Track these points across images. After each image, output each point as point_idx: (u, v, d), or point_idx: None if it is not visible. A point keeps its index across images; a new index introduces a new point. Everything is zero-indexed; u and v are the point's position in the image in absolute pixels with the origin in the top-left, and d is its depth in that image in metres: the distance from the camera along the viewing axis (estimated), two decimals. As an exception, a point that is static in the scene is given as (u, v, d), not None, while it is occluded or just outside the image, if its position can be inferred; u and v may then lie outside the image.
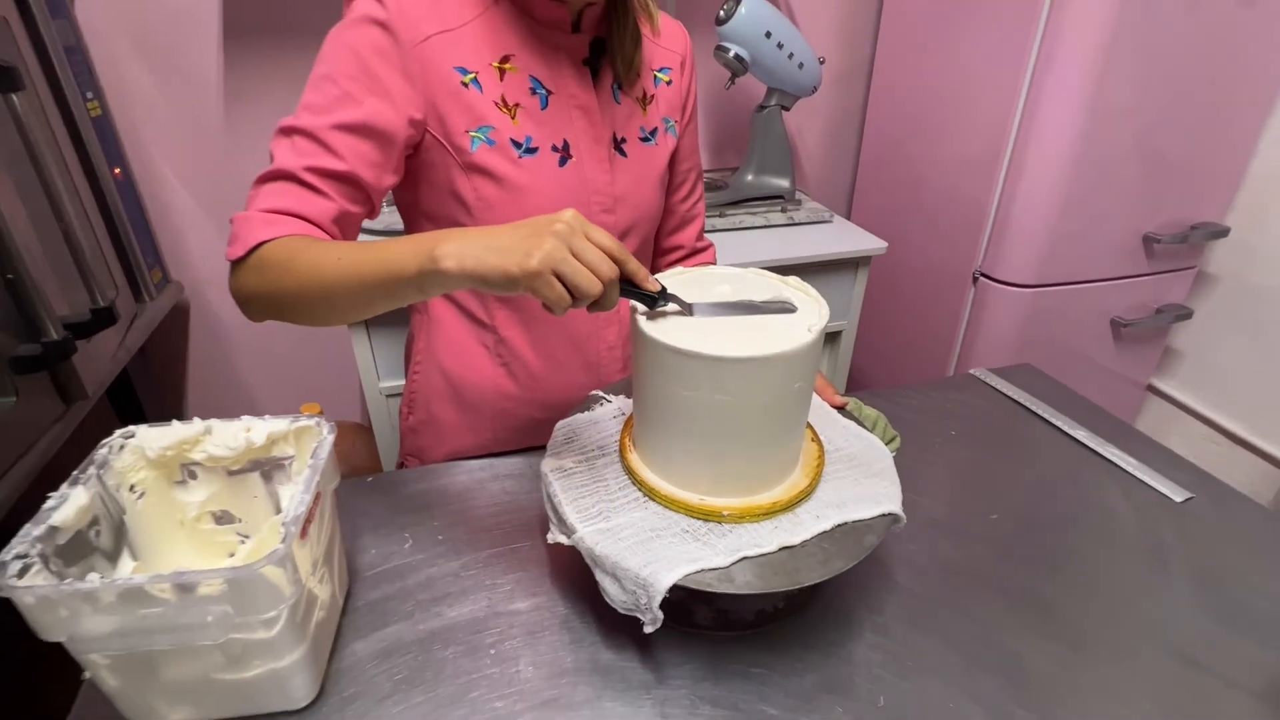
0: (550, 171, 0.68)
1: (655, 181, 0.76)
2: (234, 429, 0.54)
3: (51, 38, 1.17)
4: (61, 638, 0.41)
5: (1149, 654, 0.59)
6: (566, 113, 0.69)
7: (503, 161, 0.66)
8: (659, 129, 0.76)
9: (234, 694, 0.48)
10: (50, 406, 1.04)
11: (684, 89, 0.80)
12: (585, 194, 0.71)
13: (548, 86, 0.68)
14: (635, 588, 0.51)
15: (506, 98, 0.66)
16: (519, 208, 0.67)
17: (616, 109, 0.73)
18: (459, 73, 0.64)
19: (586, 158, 0.71)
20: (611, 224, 0.73)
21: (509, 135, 0.66)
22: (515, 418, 0.80)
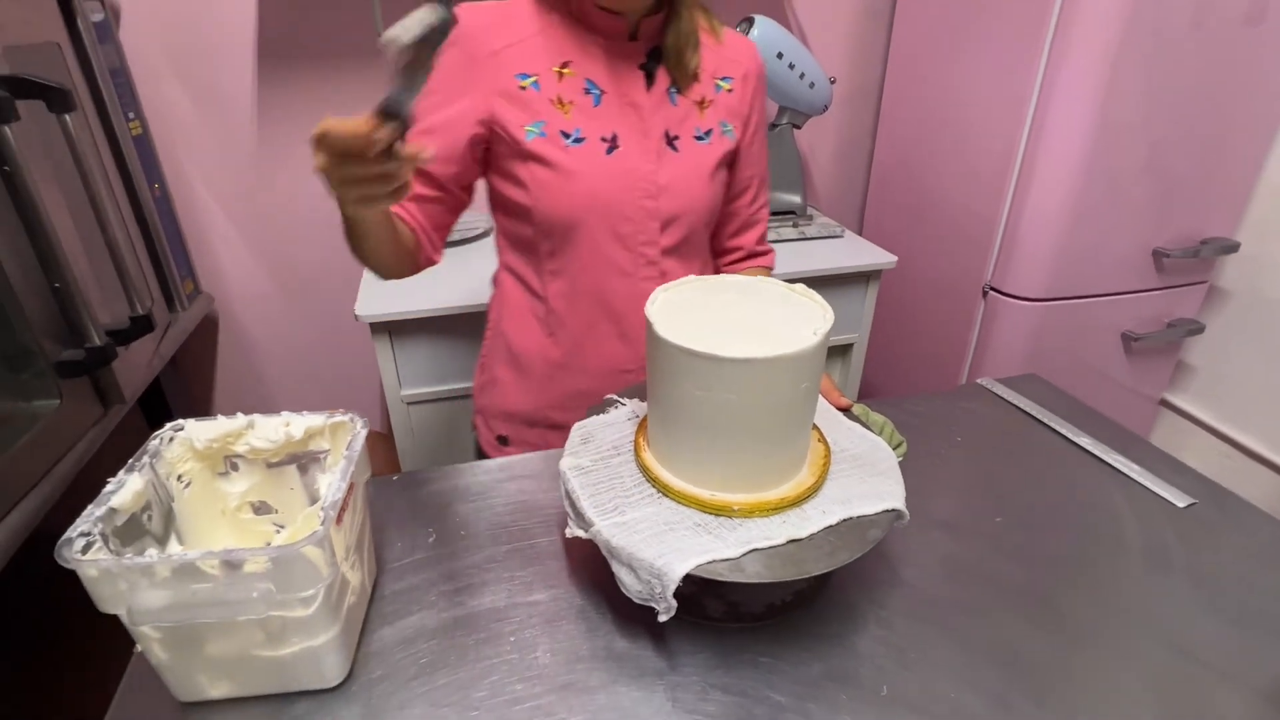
0: (597, 159, 0.77)
1: (705, 176, 0.82)
2: (274, 423, 0.58)
3: (98, 61, 1.24)
4: (119, 610, 0.45)
5: (1149, 649, 0.60)
6: (618, 109, 0.78)
7: (553, 149, 0.76)
8: (714, 130, 0.82)
9: (271, 671, 0.51)
10: (90, 410, 1.09)
11: (746, 99, 0.85)
12: (630, 180, 0.78)
13: (602, 87, 0.78)
14: (650, 577, 0.54)
15: (562, 96, 0.76)
16: (568, 188, 0.77)
17: (672, 109, 0.80)
18: (519, 78, 0.76)
19: (634, 149, 0.78)
20: (654, 209, 0.80)
21: (559, 128, 0.76)
22: (560, 385, 0.88)
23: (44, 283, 0.98)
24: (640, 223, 0.80)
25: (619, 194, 0.78)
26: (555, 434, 0.91)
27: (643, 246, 0.81)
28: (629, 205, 0.79)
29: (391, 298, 1.29)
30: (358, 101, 1.60)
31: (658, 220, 0.80)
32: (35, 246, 0.96)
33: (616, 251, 0.81)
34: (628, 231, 0.80)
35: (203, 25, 1.44)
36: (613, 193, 0.78)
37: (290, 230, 1.66)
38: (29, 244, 0.96)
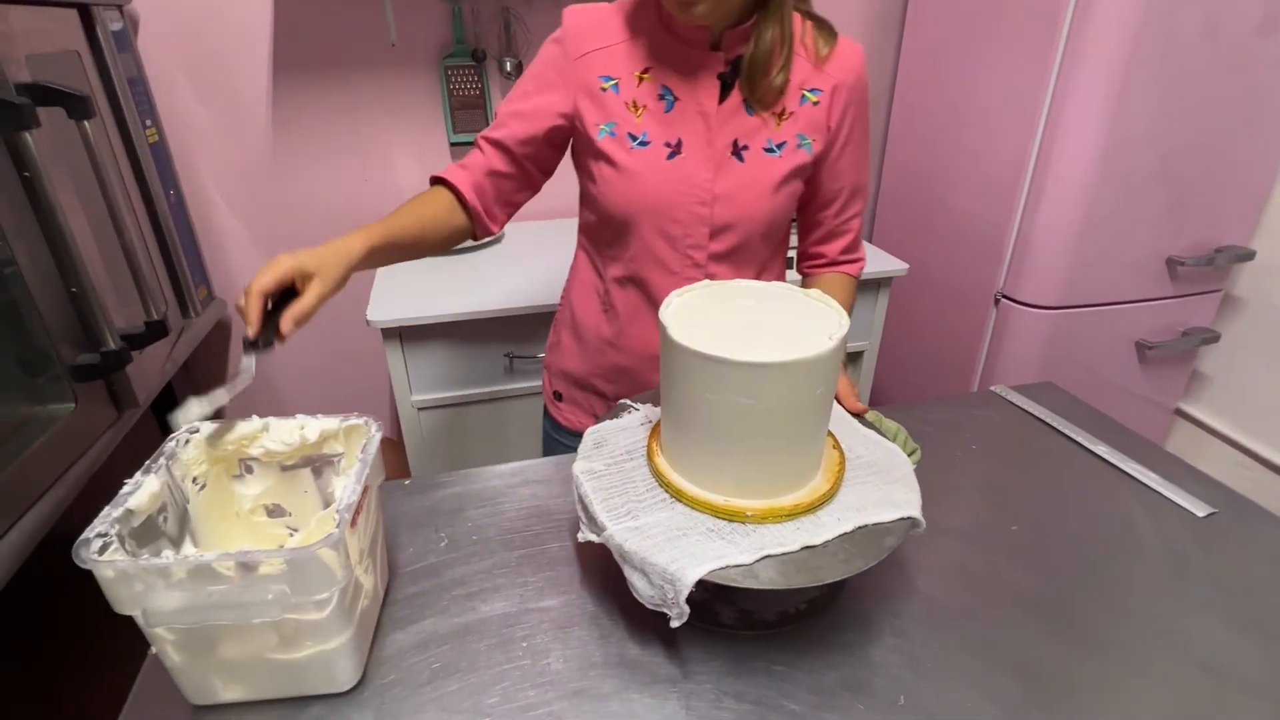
0: (657, 162, 0.80)
1: (768, 188, 0.82)
2: (289, 426, 0.58)
3: (117, 70, 1.25)
4: (135, 611, 0.45)
5: (1168, 660, 0.59)
6: (688, 117, 0.80)
7: (618, 149, 0.80)
8: (789, 143, 0.81)
9: (284, 674, 0.51)
10: (105, 414, 1.10)
11: (835, 113, 0.82)
12: (685, 186, 0.81)
13: (676, 94, 0.80)
14: (663, 582, 0.54)
15: (637, 100, 0.80)
16: (626, 186, 0.81)
17: (746, 119, 0.80)
18: (603, 80, 0.80)
19: (695, 156, 0.80)
20: (707, 215, 0.82)
21: (628, 130, 0.80)
22: (607, 358, 0.93)
23: (61, 287, 0.99)
24: (690, 226, 0.82)
25: (672, 197, 0.81)
26: (598, 400, 0.98)
27: (690, 249, 0.84)
28: (680, 209, 0.81)
29: (403, 304, 1.30)
30: (370, 109, 1.62)
31: (708, 226, 0.82)
32: (53, 252, 0.97)
33: (664, 250, 0.84)
34: (677, 234, 0.83)
35: (219, 35, 1.45)
36: (666, 196, 0.81)
37: (302, 237, 1.67)
38: (47, 249, 0.97)
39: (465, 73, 1.60)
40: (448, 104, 1.61)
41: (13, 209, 0.91)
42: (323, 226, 1.67)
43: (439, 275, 1.43)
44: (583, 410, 1.00)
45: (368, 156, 1.64)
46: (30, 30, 0.99)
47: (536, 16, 1.58)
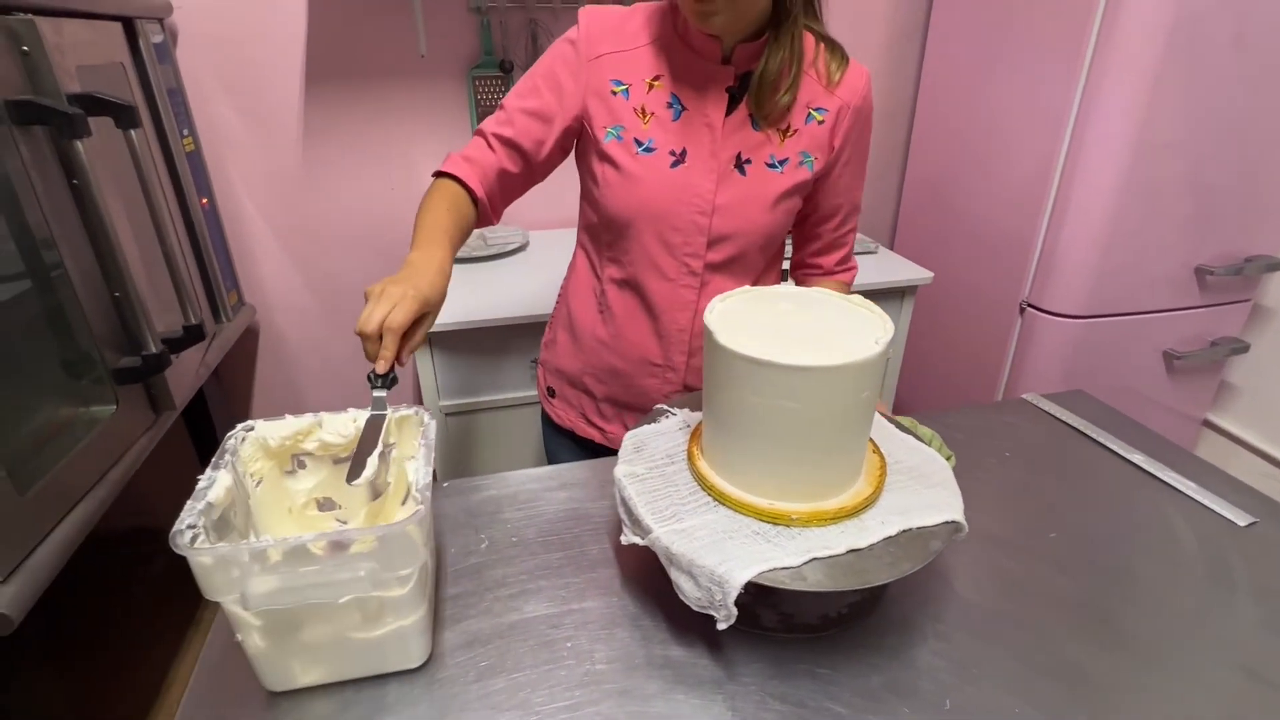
0: (661, 170, 0.81)
1: (767, 202, 0.83)
2: (343, 419, 0.60)
3: (157, 81, 1.28)
4: (231, 596, 0.47)
5: (1216, 668, 0.59)
6: (694, 127, 0.81)
7: (623, 154, 0.81)
8: (791, 160, 0.83)
9: (362, 653, 0.53)
10: (143, 416, 1.12)
11: (839, 133, 0.83)
12: (687, 195, 0.82)
13: (684, 104, 0.81)
14: (710, 584, 0.54)
15: (646, 107, 0.81)
16: (628, 190, 0.82)
17: (751, 133, 0.81)
18: (614, 84, 0.81)
19: (698, 166, 0.81)
20: (705, 225, 0.83)
21: (634, 135, 0.81)
22: (600, 359, 0.94)
23: (106, 292, 1.02)
24: (689, 235, 0.83)
25: (672, 205, 0.82)
26: (588, 399, 0.98)
27: (687, 257, 0.84)
28: (680, 218, 0.82)
29: (432, 310, 1.31)
30: (399, 118, 1.64)
31: (706, 235, 0.83)
32: (99, 257, 1.00)
33: (662, 256, 0.85)
34: (676, 241, 0.83)
35: (254, 47, 1.49)
36: (667, 203, 0.81)
37: (331, 244, 1.70)
38: (93, 255, 0.99)
39: (493, 83, 1.62)
40: (475, 114, 1.64)
41: (62, 216, 0.93)
42: (350, 233, 1.70)
43: (467, 282, 1.45)
44: (572, 408, 1.00)
45: (395, 165, 1.66)
46: (79, 43, 1.02)
47: (563, 28, 1.60)
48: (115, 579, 1.28)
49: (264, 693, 0.55)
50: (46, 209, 0.90)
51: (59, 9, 0.99)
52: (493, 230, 1.68)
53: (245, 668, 0.54)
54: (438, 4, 1.53)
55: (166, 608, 1.47)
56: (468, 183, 0.81)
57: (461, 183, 0.81)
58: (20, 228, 0.88)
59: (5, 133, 0.84)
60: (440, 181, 0.82)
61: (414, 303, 0.64)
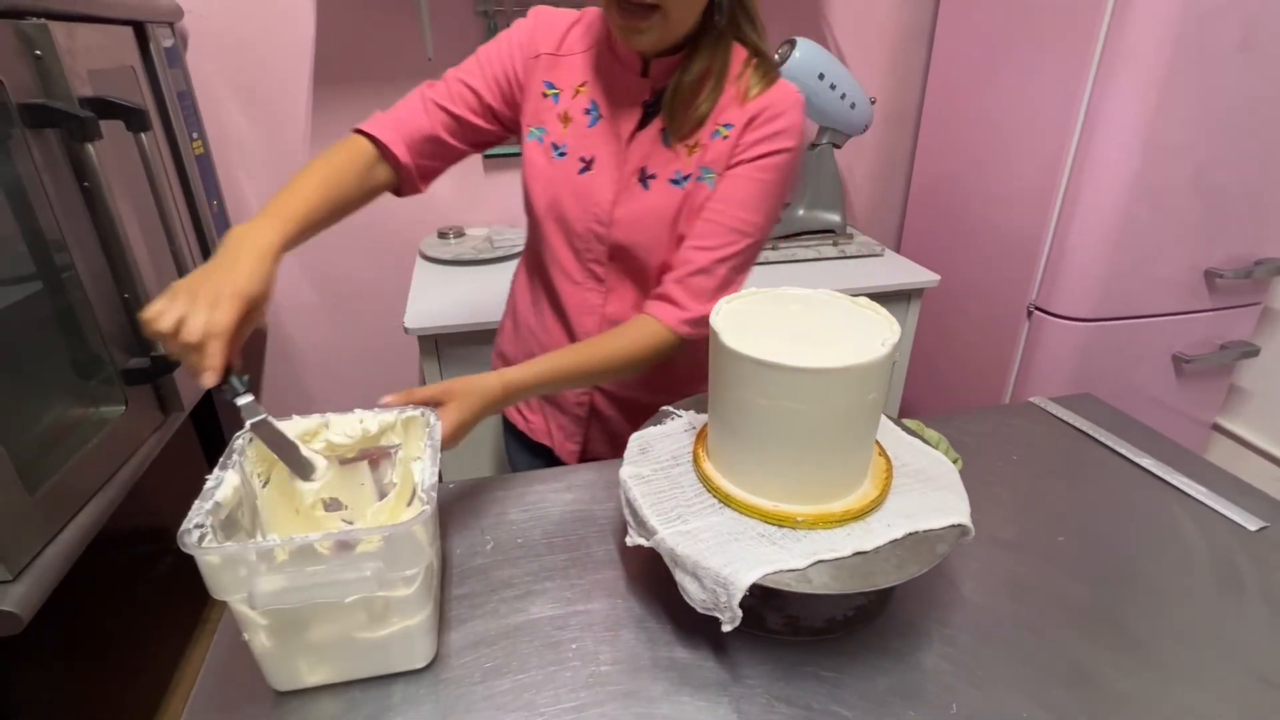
0: (568, 174, 0.82)
1: (668, 218, 0.80)
2: (350, 420, 0.60)
3: (167, 84, 1.29)
4: (236, 595, 0.47)
5: (1226, 673, 0.59)
6: (605, 136, 0.81)
7: (541, 156, 0.82)
8: (693, 175, 0.79)
9: (368, 653, 0.54)
10: (151, 417, 1.13)
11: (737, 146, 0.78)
12: (587, 204, 0.82)
13: (601, 112, 0.81)
14: (715, 586, 0.54)
15: (568, 113, 0.81)
16: (542, 191, 0.83)
17: (659, 149, 0.79)
18: (546, 86, 0.81)
19: (602, 177, 0.81)
20: (604, 235, 0.83)
21: (552, 139, 0.82)
22: (530, 349, 0.93)
23: (115, 293, 1.02)
24: (589, 241, 0.84)
25: (575, 211, 0.82)
26: None
27: (590, 262, 0.85)
28: (580, 224, 0.83)
29: (439, 312, 1.32)
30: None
31: (605, 245, 0.83)
32: (109, 259, 1.00)
33: (566, 256, 0.86)
34: (579, 246, 0.85)
35: (263, 51, 1.50)
36: (569, 209, 0.82)
37: (337, 246, 1.71)
38: (103, 256, 1.00)
39: (499, 86, 1.63)
40: (482, 117, 1.64)
41: (73, 218, 0.94)
42: (357, 236, 1.70)
43: (474, 283, 1.45)
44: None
45: (403, 168, 1.67)
46: (91, 47, 1.03)
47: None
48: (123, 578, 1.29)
49: (270, 692, 0.56)
50: (58, 211, 0.91)
51: (71, 13, 0.99)
52: (499, 233, 1.68)
53: (252, 667, 0.54)
54: (444, 7, 1.53)
55: (174, 607, 1.48)
56: (391, 146, 0.76)
57: (381, 145, 0.76)
58: (32, 229, 0.89)
59: (18, 135, 0.85)
60: (349, 140, 0.76)
61: (236, 301, 0.56)
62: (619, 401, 0.95)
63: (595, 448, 0.99)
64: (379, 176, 0.78)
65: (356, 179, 0.75)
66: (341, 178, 0.73)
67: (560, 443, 0.98)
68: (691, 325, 0.79)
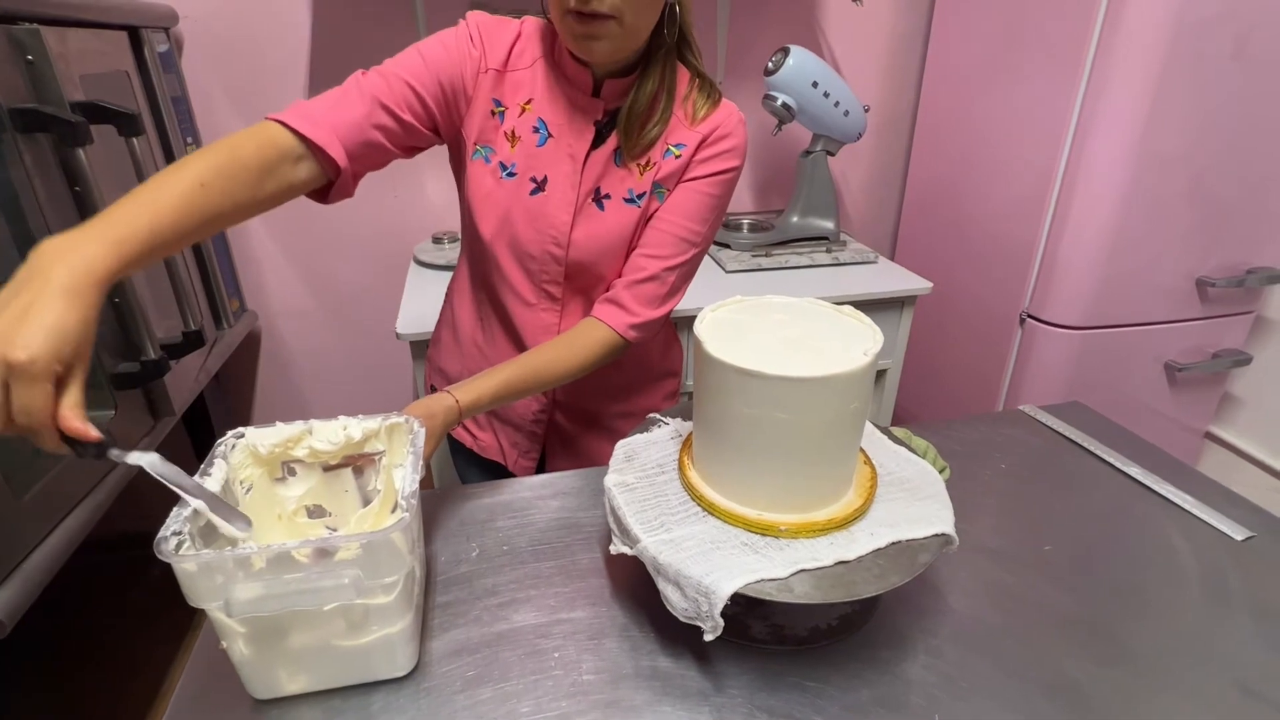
0: (519, 196, 0.80)
1: (623, 237, 0.82)
2: (333, 427, 0.60)
3: (162, 89, 1.30)
4: (215, 603, 0.47)
5: (1212, 684, 0.58)
6: (557, 156, 0.79)
7: (487, 176, 0.80)
8: (647, 193, 0.80)
9: (348, 661, 0.53)
10: (142, 421, 1.12)
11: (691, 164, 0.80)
12: (543, 224, 0.80)
13: (550, 131, 0.79)
14: (697, 595, 0.54)
15: (515, 130, 0.79)
16: (489, 213, 0.80)
17: (613, 169, 0.80)
18: (494, 103, 0.78)
19: (556, 197, 0.80)
20: (560, 255, 0.82)
21: (500, 159, 0.79)
22: (478, 366, 0.89)
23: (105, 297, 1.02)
24: (544, 263, 0.83)
25: (529, 233, 0.81)
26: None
27: (546, 284, 0.84)
28: (535, 245, 0.81)
29: (433, 317, 1.31)
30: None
31: (563, 265, 0.83)
32: (99, 263, 1.00)
33: (519, 278, 0.84)
34: (533, 268, 0.83)
35: (259, 56, 1.50)
36: (523, 231, 0.81)
37: (334, 250, 1.71)
38: (94, 260, 1.00)
39: (494, 92, 1.63)
40: (477, 123, 1.65)
41: (64, 222, 0.94)
42: (352, 241, 1.71)
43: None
44: None
45: (397, 173, 1.67)
46: (84, 51, 1.04)
47: (565, 38, 1.62)
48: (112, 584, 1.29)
49: (250, 700, 0.55)
50: (49, 215, 0.91)
51: (64, 18, 1.00)
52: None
53: (231, 676, 0.54)
54: (440, 13, 1.54)
55: (163, 614, 1.47)
56: (326, 148, 0.65)
57: (310, 142, 0.64)
58: (22, 234, 0.89)
59: (9, 140, 0.85)
60: (258, 129, 0.63)
61: (46, 374, 0.44)
62: (576, 412, 0.95)
63: (555, 461, 0.99)
64: (298, 175, 0.65)
65: (263, 177, 0.61)
66: (240, 174, 0.59)
67: (514, 459, 0.97)
68: (639, 330, 0.81)
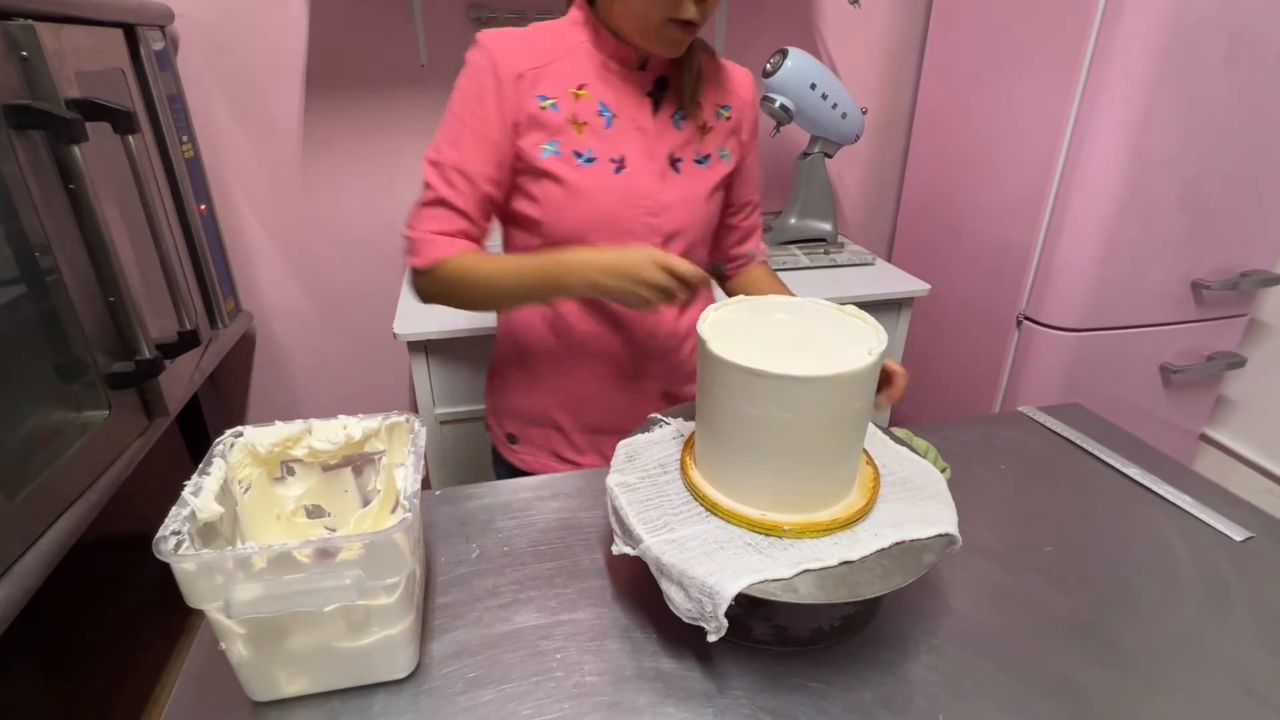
0: (606, 178, 0.81)
1: (704, 197, 0.87)
2: (333, 426, 0.59)
3: (157, 87, 1.29)
4: (213, 604, 0.46)
5: (1213, 686, 0.58)
6: (627, 133, 0.82)
7: (565, 168, 0.80)
8: (713, 155, 0.87)
9: (348, 663, 0.53)
10: (136, 421, 1.11)
11: (744, 126, 0.91)
12: (634, 199, 0.82)
13: (613, 111, 0.81)
14: (701, 596, 0.54)
15: (577, 117, 0.80)
16: (577, 204, 0.81)
17: (676, 134, 0.84)
18: (540, 100, 0.79)
19: (640, 170, 0.82)
20: (657, 225, 0.84)
21: (573, 148, 0.80)
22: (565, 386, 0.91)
23: (100, 297, 1.01)
24: (644, 237, 0.84)
25: (624, 211, 0.82)
26: (557, 435, 0.95)
27: None
28: (633, 221, 0.83)
29: (429, 317, 1.31)
30: (399, 127, 1.65)
31: (659, 235, 0.84)
32: (94, 262, 0.99)
33: None
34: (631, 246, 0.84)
35: (255, 55, 1.49)
36: (619, 210, 0.82)
37: (329, 251, 1.70)
38: (88, 259, 0.99)
39: (492, 92, 1.63)
40: (474, 123, 1.64)
41: (58, 220, 0.93)
42: (348, 241, 1.70)
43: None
44: (540, 449, 0.96)
45: (395, 173, 1.67)
46: (80, 49, 1.03)
47: (563, 39, 1.61)
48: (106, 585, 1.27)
49: (249, 703, 0.55)
50: (42, 213, 0.90)
51: (60, 15, 0.99)
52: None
53: (230, 677, 0.53)
54: (438, 14, 1.53)
55: (157, 615, 1.46)
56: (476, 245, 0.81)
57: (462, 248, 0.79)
58: (15, 231, 0.88)
59: (2, 137, 0.84)
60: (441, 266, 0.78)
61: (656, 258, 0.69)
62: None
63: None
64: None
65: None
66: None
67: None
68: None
